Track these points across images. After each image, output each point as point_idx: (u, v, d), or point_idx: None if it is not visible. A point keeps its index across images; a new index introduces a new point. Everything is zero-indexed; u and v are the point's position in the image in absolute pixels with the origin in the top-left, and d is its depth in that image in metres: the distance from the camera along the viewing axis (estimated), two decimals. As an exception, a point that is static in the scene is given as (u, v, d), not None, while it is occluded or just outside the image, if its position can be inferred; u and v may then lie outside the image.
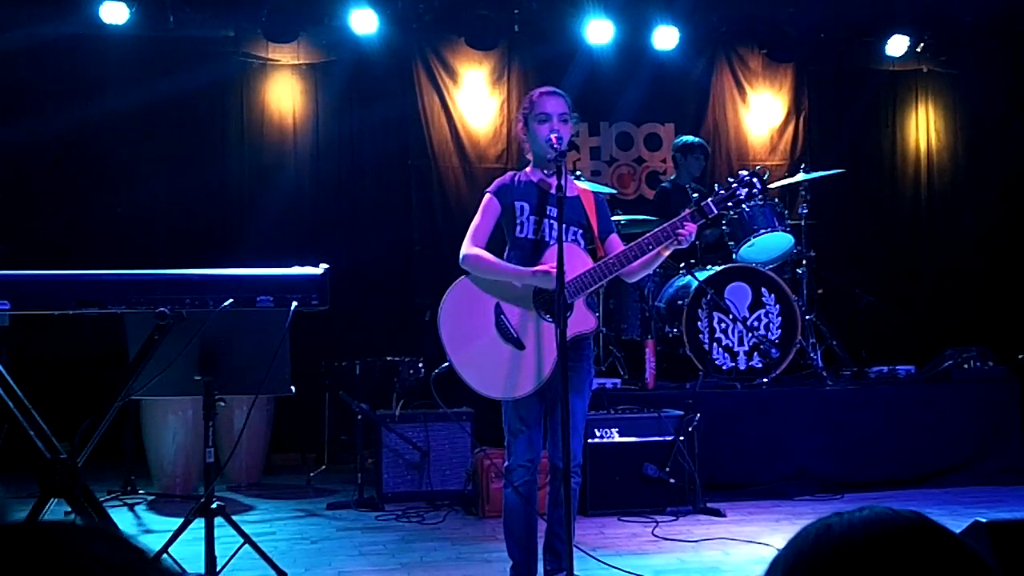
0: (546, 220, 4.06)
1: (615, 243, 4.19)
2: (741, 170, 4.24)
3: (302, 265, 4.09)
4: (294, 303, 3.87)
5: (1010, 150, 8.97)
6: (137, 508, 6.13)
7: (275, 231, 7.71)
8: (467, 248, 4.05)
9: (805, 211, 7.11)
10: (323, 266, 4.02)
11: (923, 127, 9.23)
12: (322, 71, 8.21)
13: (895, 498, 6.09)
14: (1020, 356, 7.02)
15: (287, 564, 4.55)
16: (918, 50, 8.91)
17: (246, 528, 4.48)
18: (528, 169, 4.21)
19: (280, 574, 4.41)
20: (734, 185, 4.10)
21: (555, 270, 3.64)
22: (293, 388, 4.23)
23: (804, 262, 7.09)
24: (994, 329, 8.21)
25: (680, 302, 6.69)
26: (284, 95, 8.17)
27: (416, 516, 5.77)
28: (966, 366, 6.82)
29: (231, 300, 3.81)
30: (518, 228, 4.09)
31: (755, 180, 4.09)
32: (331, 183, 8.18)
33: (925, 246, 9.18)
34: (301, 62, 8.17)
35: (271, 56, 8.11)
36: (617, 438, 5.85)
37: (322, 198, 8.15)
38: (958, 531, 2.37)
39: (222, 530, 4.34)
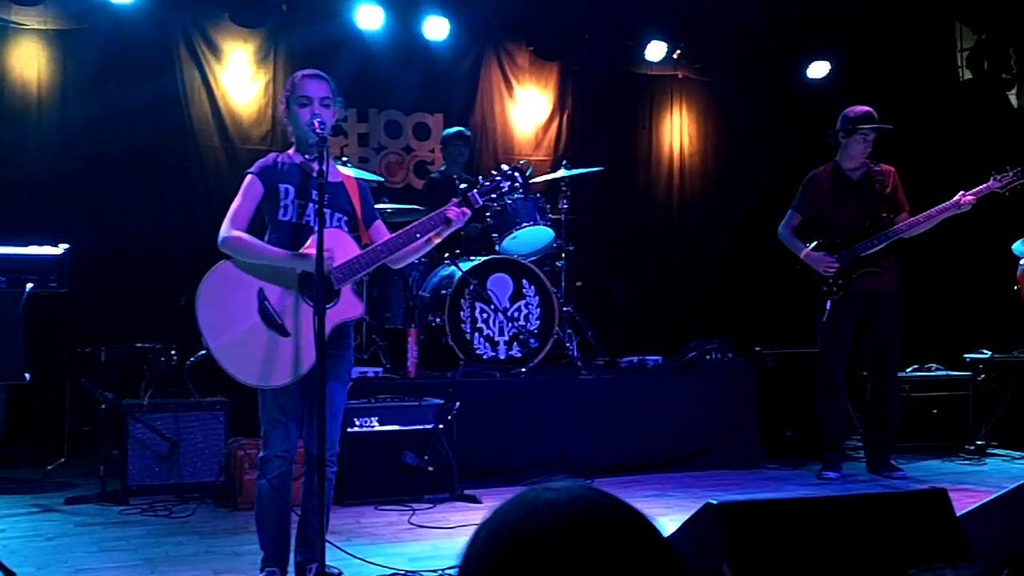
0: (310, 204, 3.99)
1: (380, 230, 4.18)
2: (504, 164, 4.33)
3: (42, 246, 3.84)
4: (29, 285, 3.63)
5: (759, 157, 9.51)
6: None
7: (15, 212, 7.08)
8: (226, 230, 3.90)
9: (566, 206, 7.32)
10: (63, 246, 3.79)
11: (677, 131, 9.67)
12: (73, 39, 7.66)
13: (643, 482, 6.37)
14: (757, 348, 7.50)
15: (17, 563, 4.27)
16: (675, 56, 9.33)
17: (-29, 526, 4.18)
18: (291, 151, 4.12)
19: (8, 574, 4.13)
20: (497, 178, 4.19)
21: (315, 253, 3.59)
22: (28, 376, 3.96)
23: (563, 255, 7.30)
24: (734, 323, 8.73)
25: (443, 292, 6.74)
26: (28, 63, 7.58)
27: (164, 510, 5.53)
28: (708, 357, 7.20)
29: (-43, 279, 3.53)
30: (281, 211, 3.99)
31: (516, 174, 4.20)
32: (81, 160, 7.60)
33: (675, 244, 9.63)
34: (48, 27, 7.62)
35: (14, 18, 7.51)
36: (377, 427, 5.83)
37: (70, 177, 7.55)
38: (692, 512, 2.51)
39: (-57, 528, 4.03)
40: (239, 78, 8.14)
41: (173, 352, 6.39)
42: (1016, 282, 6.92)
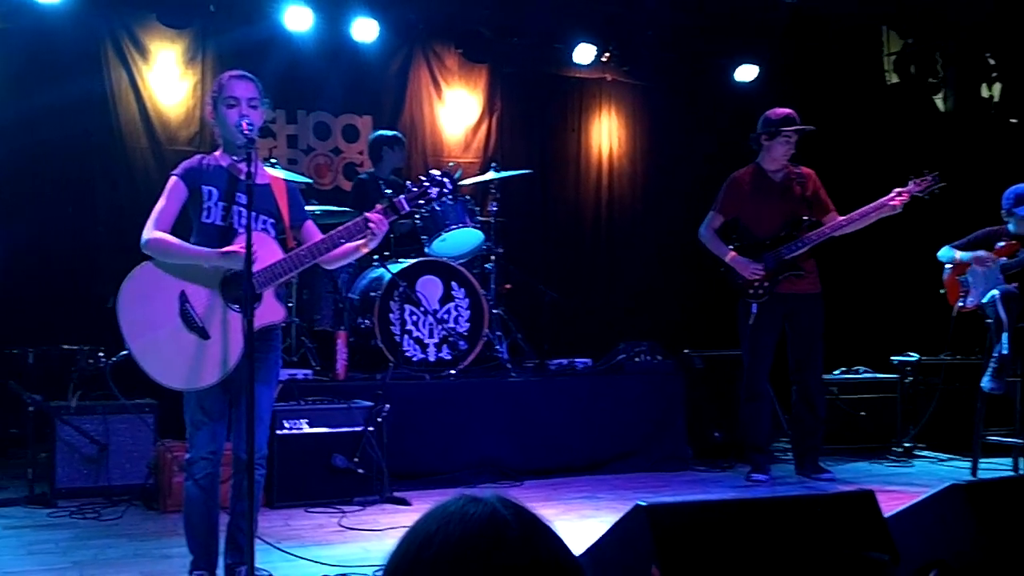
0: (235, 207, 3.99)
1: (310, 230, 4.20)
2: (433, 169, 4.36)
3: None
4: (-47, 287, 3.58)
5: (686, 160, 9.59)
6: None
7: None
8: (149, 232, 3.90)
9: (495, 208, 7.37)
10: (-12, 248, 3.74)
11: (605, 133, 9.75)
12: (-6, 39, 7.52)
13: (572, 484, 6.44)
14: (685, 351, 7.61)
15: (-60, 569, 4.21)
16: (603, 59, 9.41)
17: None
18: (217, 153, 4.11)
19: (-69, 580, 4.07)
20: (426, 184, 4.21)
21: (244, 252, 3.60)
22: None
23: (493, 257, 7.34)
24: (664, 325, 8.84)
25: (373, 294, 6.75)
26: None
27: (92, 512, 5.49)
28: (637, 359, 7.27)
29: None
30: (205, 213, 3.98)
31: (446, 180, 4.23)
32: (7, 160, 7.39)
33: (604, 246, 9.71)
34: (-32, 27, 7.45)
35: (-65, 18, 7.36)
36: (307, 429, 5.83)
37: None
38: (622, 514, 2.55)
39: None
40: (167, 79, 8.05)
41: (101, 354, 6.30)
42: (942, 285, 7.08)
